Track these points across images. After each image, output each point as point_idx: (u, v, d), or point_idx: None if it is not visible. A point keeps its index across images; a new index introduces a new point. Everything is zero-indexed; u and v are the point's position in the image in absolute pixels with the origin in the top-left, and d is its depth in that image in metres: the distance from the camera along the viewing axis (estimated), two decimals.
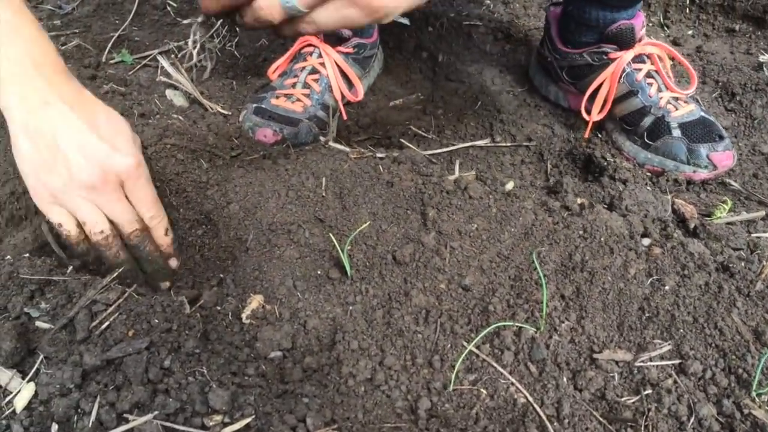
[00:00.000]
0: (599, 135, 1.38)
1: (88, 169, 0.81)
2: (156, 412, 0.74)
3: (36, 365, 0.77)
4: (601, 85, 1.32)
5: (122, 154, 0.83)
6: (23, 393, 0.76)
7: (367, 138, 1.40)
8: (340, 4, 0.70)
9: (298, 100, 1.33)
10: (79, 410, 0.75)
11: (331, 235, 0.95)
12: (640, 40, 1.31)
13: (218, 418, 0.76)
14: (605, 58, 1.32)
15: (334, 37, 1.36)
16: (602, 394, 0.80)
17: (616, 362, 0.83)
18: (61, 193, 0.83)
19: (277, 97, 1.33)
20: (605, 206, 1.07)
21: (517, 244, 0.96)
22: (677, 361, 0.83)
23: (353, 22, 0.74)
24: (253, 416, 0.76)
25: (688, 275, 0.91)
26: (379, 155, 1.17)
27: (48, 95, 0.81)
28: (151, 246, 0.90)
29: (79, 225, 0.86)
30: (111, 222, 0.86)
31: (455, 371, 0.81)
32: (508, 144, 1.38)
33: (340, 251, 0.92)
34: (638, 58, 1.31)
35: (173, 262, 0.94)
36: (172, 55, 1.51)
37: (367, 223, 0.96)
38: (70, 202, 0.83)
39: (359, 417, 0.77)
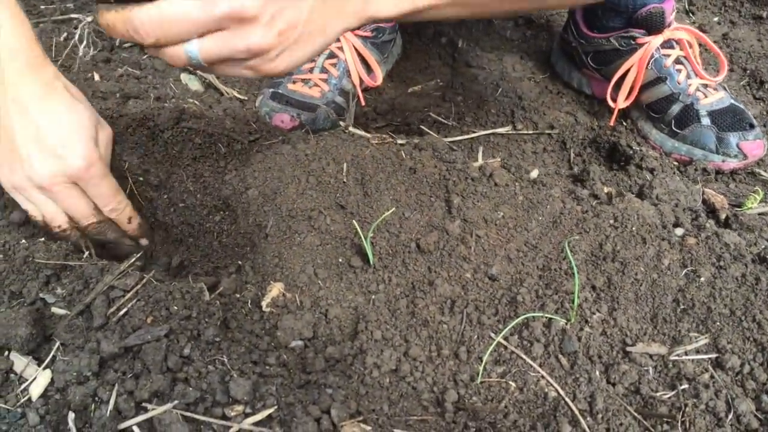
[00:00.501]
0: (624, 123, 1.34)
1: (40, 170, 0.82)
2: (176, 402, 0.72)
3: (52, 352, 0.75)
4: (627, 71, 1.28)
5: (73, 156, 0.83)
6: (39, 380, 0.74)
7: (385, 125, 1.37)
8: (238, 67, 0.72)
9: (316, 85, 1.30)
10: (96, 398, 0.73)
11: (354, 222, 0.92)
12: (669, 25, 1.27)
13: (239, 408, 0.73)
14: (633, 43, 1.28)
15: None
16: (636, 389, 0.77)
17: (651, 356, 0.80)
18: (21, 188, 0.85)
19: (294, 82, 1.30)
20: (635, 195, 1.03)
21: (545, 233, 0.93)
22: (714, 355, 0.79)
23: (248, 77, 0.77)
24: (276, 407, 0.73)
25: (724, 266, 0.88)
26: (399, 141, 1.13)
27: (14, 91, 0.81)
28: (112, 233, 0.92)
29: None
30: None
31: (483, 363, 0.78)
32: (530, 132, 1.34)
33: (363, 239, 0.89)
34: (667, 44, 1.27)
35: (143, 242, 0.95)
36: None
37: (392, 210, 0.93)
38: (30, 197, 0.85)
39: (384, 409, 0.75)
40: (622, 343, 0.81)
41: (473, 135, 1.30)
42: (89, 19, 1.43)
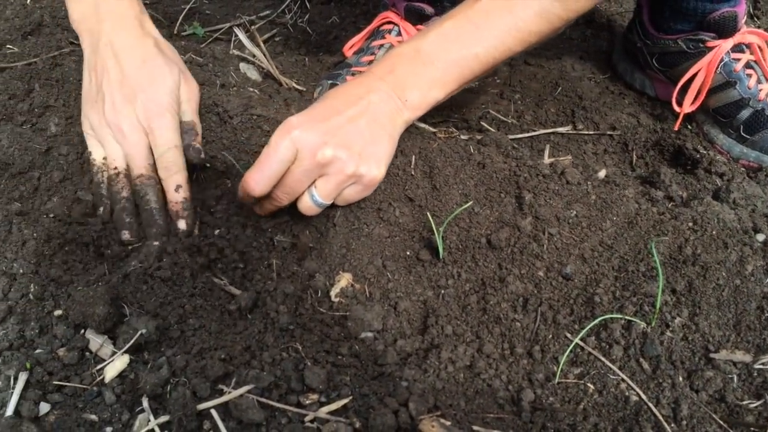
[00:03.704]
0: (688, 126, 1.31)
1: (116, 110, 0.89)
2: (251, 386, 0.71)
3: (134, 338, 0.74)
4: (695, 74, 1.25)
5: (148, 101, 0.90)
6: (116, 363, 0.74)
7: (442, 120, 1.35)
8: (350, 188, 0.88)
9: None
10: (171, 380, 0.73)
11: (428, 214, 0.90)
12: (739, 30, 1.24)
13: (314, 396, 0.73)
14: (702, 46, 1.24)
15: (415, 15, 1.31)
16: (721, 396, 0.74)
17: (734, 363, 0.77)
18: (96, 127, 0.91)
19: (353, 74, 1.29)
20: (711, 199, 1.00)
21: (620, 233, 0.91)
22: None
23: (361, 196, 0.91)
24: (351, 397, 0.72)
25: None
26: (462, 137, 1.12)
27: (109, 38, 0.92)
28: (154, 196, 0.89)
29: (105, 163, 0.92)
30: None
31: (560, 364, 0.77)
32: (591, 132, 1.32)
33: (435, 232, 0.88)
34: (737, 48, 1.23)
35: (181, 224, 0.89)
36: (243, 29, 1.49)
37: (470, 203, 0.92)
38: (101, 136, 0.92)
39: (461, 405, 0.73)
40: (704, 349, 0.78)
41: (534, 133, 1.28)
42: None
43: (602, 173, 1.07)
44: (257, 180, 0.82)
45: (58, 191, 0.93)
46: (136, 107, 0.89)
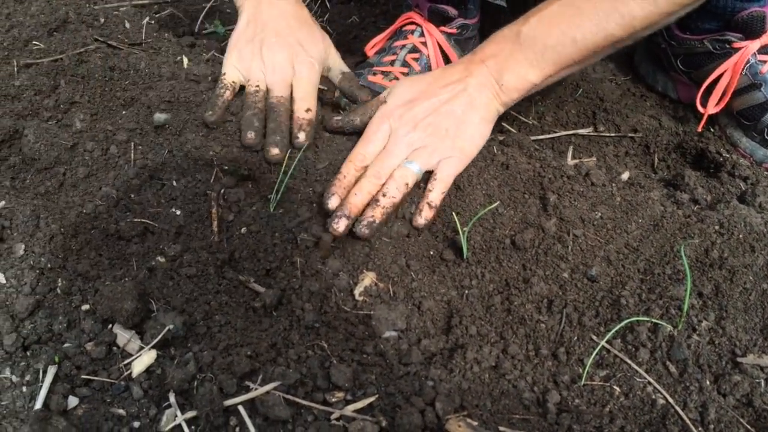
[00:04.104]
0: (711, 129, 1.30)
1: (273, 51, 1.05)
2: (278, 383, 0.71)
3: (162, 333, 0.75)
4: (720, 76, 1.24)
5: (303, 51, 1.07)
6: (143, 358, 0.74)
7: None
8: (445, 161, 0.95)
9: (396, 78, 1.29)
10: (198, 377, 0.73)
11: (454, 214, 0.90)
12: (766, 31, 1.23)
13: (340, 394, 0.73)
14: (728, 47, 1.23)
15: (438, 17, 1.31)
16: (749, 401, 0.74)
17: (762, 368, 0.76)
18: (246, 58, 1.06)
19: (375, 74, 1.29)
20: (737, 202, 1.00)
21: (646, 235, 0.90)
22: None
23: (457, 169, 0.97)
24: (376, 395, 0.72)
25: None
26: None
27: (272, 2, 1.10)
28: (284, 116, 1.00)
29: (233, 85, 1.05)
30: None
31: (586, 366, 0.76)
32: (612, 134, 1.31)
33: (460, 232, 0.88)
34: (764, 49, 1.22)
35: (301, 135, 0.98)
36: None
37: (496, 204, 0.92)
38: (249, 67, 1.05)
39: (488, 405, 0.73)
40: (731, 353, 0.78)
41: (555, 135, 1.28)
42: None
43: (625, 175, 1.07)
44: (362, 153, 0.96)
45: (84, 187, 0.94)
46: (292, 55, 1.05)
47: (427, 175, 0.96)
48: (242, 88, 1.06)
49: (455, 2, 1.31)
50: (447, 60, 1.34)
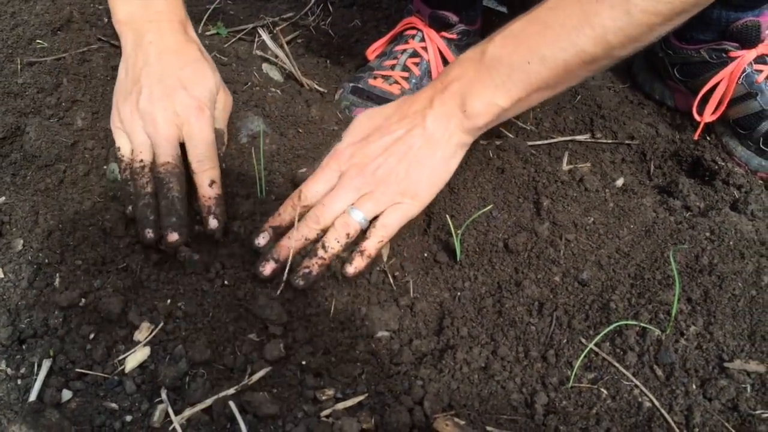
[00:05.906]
0: (707, 137, 1.31)
1: (152, 102, 0.89)
2: (268, 368, 0.72)
3: (154, 330, 0.76)
4: (716, 85, 1.25)
5: (186, 97, 0.90)
6: (137, 355, 0.75)
7: None
8: (391, 210, 0.88)
9: (396, 82, 1.30)
10: (189, 372, 0.74)
11: (447, 217, 0.91)
12: (763, 40, 1.24)
13: (330, 392, 0.74)
14: (724, 56, 1.24)
15: (439, 22, 1.33)
16: (734, 406, 0.74)
17: (749, 373, 0.77)
18: (127, 119, 0.91)
19: (375, 78, 1.31)
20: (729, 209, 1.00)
21: (637, 241, 0.91)
22: None
23: (403, 220, 0.89)
24: (366, 394, 0.73)
25: None
26: (481, 141, 1.13)
27: (154, 37, 0.94)
28: (175, 188, 0.86)
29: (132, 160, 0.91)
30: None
31: (574, 368, 0.77)
32: (609, 141, 1.32)
33: (454, 235, 0.89)
34: (760, 59, 1.23)
35: (213, 222, 0.85)
36: (266, 30, 1.50)
37: (489, 207, 0.93)
38: (131, 128, 0.91)
39: (475, 405, 0.74)
40: (718, 359, 0.79)
41: (552, 140, 1.29)
42: None
43: (620, 182, 1.08)
44: (305, 192, 0.88)
45: (83, 184, 0.95)
46: (174, 101, 0.89)
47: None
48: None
49: (456, 8, 1.32)
50: (446, 65, 1.35)
